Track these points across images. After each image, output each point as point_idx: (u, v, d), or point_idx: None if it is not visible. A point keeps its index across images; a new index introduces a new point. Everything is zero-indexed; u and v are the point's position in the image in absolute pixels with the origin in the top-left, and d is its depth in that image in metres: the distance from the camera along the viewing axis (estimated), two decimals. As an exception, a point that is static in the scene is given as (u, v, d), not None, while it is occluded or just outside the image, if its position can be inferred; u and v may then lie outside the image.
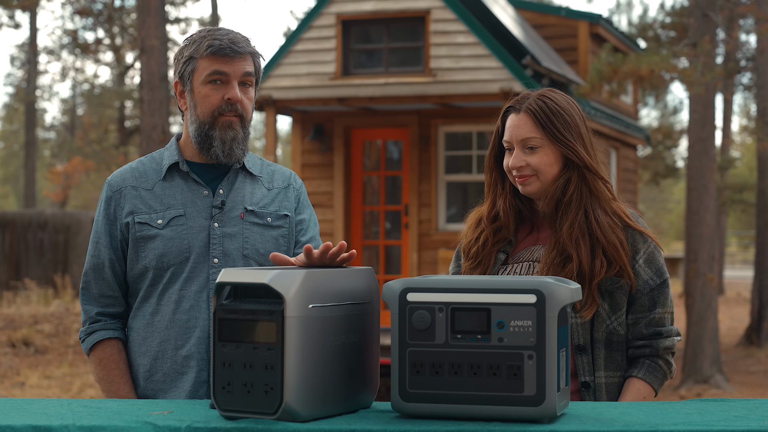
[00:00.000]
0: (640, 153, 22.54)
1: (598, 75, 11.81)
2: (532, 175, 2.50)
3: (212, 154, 2.63)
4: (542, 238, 2.56)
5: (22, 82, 33.44)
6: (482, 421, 1.79)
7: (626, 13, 37.23)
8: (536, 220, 2.60)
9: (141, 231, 2.63)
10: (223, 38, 2.60)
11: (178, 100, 2.70)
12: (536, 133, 2.49)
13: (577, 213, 2.48)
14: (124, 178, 2.70)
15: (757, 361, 14.74)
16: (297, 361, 1.80)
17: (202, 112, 2.62)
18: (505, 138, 2.53)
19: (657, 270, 2.51)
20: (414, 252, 12.21)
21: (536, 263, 2.52)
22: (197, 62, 2.61)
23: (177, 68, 2.67)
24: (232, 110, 2.61)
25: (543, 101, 2.51)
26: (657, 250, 2.52)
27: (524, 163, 2.49)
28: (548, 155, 2.50)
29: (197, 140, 2.64)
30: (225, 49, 2.59)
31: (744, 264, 39.37)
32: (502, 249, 2.58)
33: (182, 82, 2.66)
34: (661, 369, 2.51)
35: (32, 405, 2.00)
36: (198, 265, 2.62)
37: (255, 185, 2.73)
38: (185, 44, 2.67)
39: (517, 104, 2.54)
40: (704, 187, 12.54)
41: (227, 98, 2.60)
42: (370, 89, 11.73)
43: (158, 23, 12.75)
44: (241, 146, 2.65)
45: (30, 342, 13.49)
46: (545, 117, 2.49)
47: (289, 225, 2.73)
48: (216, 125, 2.61)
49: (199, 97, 2.62)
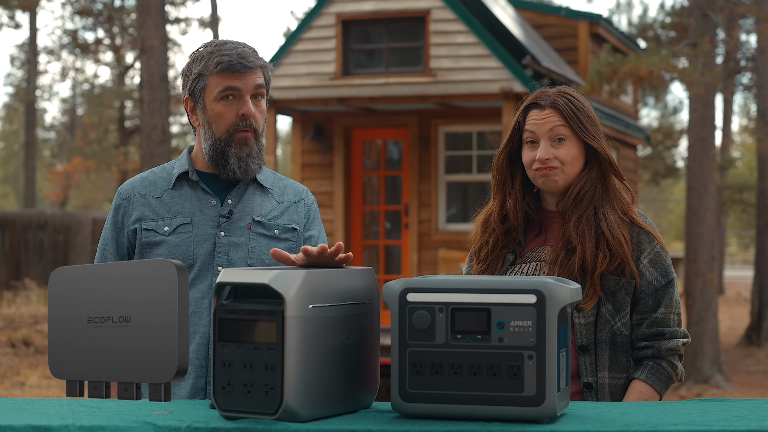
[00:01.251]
0: (640, 153, 22.54)
1: (597, 75, 11.81)
2: (557, 167, 2.51)
3: (229, 171, 2.63)
4: (550, 238, 2.56)
5: (22, 82, 33.44)
6: (482, 421, 1.79)
7: (626, 13, 37.24)
8: (544, 220, 2.60)
9: (147, 237, 2.64)
10: (232, 53, 2.58)
11: (190, 117, 2.69)
12: (564, 126, 2.52)
13: (587, 208, 2.50)
14: (133, 187, 2.71)
15: (757, 361, 14.74)
16: (297, 361, 1.80)
17: (217, 129, 2.61)
18: (530, 131, 2.54)
19: (662, 270, 2.50)
20: (414, 252, 12.21)
21: (543, 263, 2.52)
22: (207, 79, 2.60)
23: (186, 84, 2.66)
24: (247, 126, 2.60)
25: (566, 97, 2.55)
26: (663, 251, 2.51)
27: (552, 156, 2.51)
28: (574, 149, 2.53)
29: (212, 157, 2.63)
30: (235, 64, 2.57)
31: (744, 264, 39.36)
32: (511, 250, 2.58)
33: (193, 99, 2.65)
34: (665, 371, 2.48)
35: (32, 405, 2.00)
36: (202, 273, 2.62)
37: (265, 197, 2.72)
38: (192, 60, 2.65)
39: (540, 100, 2.56)
40: (704, 187, 12.54)
41: (242, 114, 2.59)
42: (370, 89, 11.73)
43: (158, 23, 12.75)
44: (256, 160, 2.64)
45: (30, 342, 13.49)
46: (572, 112, 2.53)
47: (296, 239, 2.72)
48: (231, 142, 2.61)
49: (213, 114, 2.61)
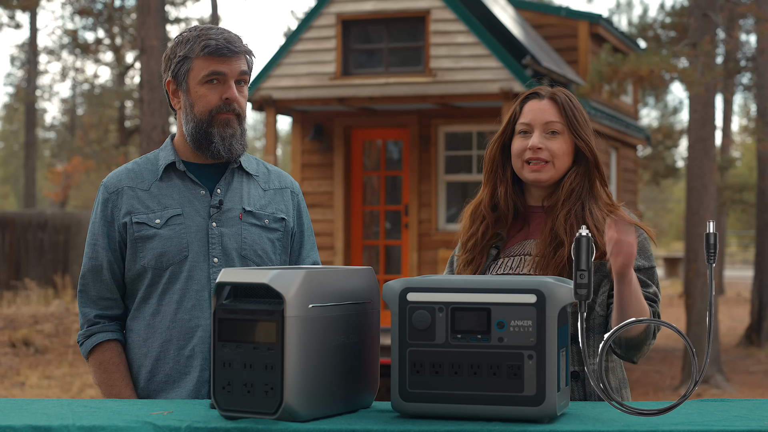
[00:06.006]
0: (640, 153, 22.53)
1: (598, 75, 11.81)
2: (547, 161, 2.54)
3: (213, 150, 2.63)
4: (533, 232, 2.59)
5: (22, 82, 33.43)
6: (482, 421, 1.79)
7: (626, 13, 37.22)
8: (527, 215, 2.62)
9: (139, 231, 2.62)
10: (219, 38, 2.61)
11: (171, 99, 2.70)
12: (559, 119, 2.56)
13: (575, 204, 2.53)
14: (120, 179, 2.69)
15: (757, 361, 14.73)
16: (297, 361, 1.80)
17: (199, 111, 2.62)
18: (525, 120, 2.57)
19: (647, 256, 2.53)
20: (414, 252, 12.21)
21: (528, 257, 2.54)
22: (192, 62, 2.62)
23: (169, 67, 2.67)
24: (230, 109, 2.63)
25: (565, 94, 2.60)
26: (647, 240, 2.55)
27: (543, 146, 2.53)
28: (566, 144, 2.56)
29: (195, 138, 2.64)
30: (222, 49, 2.60)
31: (744, 264, 39.34)
32: (494, 245, 2.60)
33: (176, 82, 2.66)
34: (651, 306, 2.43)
35: (32, 405, 2.00)
36: (197, 264, 2.62)
37: (251, 185, 2.73)
38: (176, 43, 2.67)
39: (539, 92, 2.60)
40: (704, 187, 12.53)
41: (225, 98, 2.61)
42: (370, 89, 11.73)
43: (158, 23, 12.75)
44: (240, 142, 2.66)
45: (30, 342, 13.49)
46: (568, 107, 2.57)
47: (284, 228, 2.74)
48: (214, 123, 2.62)
49: (196, 96, 2.63)
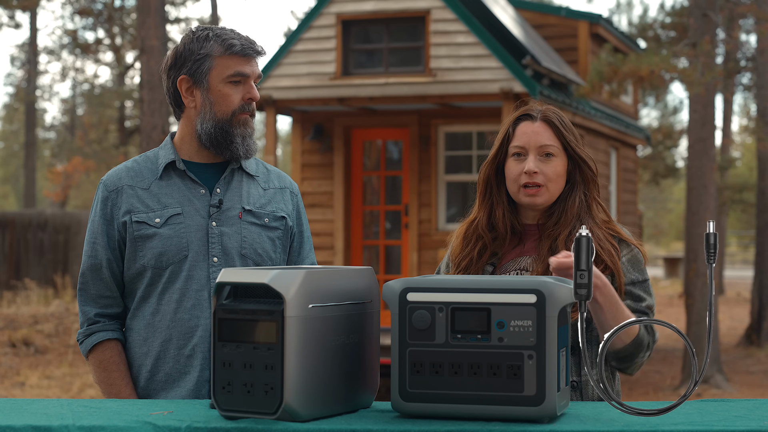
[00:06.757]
0: (640, 153, 22.53)
1: (598, 75, 11.80)
2: (542, 185, 2.52)
3: (233, 150, 2.64)
4: (528, 249, 2.58)
5: (22, 82, 33.42)
6: (482, 421, 1.79)
7: (626, 13, 37.19)
8: (522, 232, 2.61)
9: (139, 230, 2.62)
10: (241, 38, 2.64)
11: (183, 97, 2.66)
12: (554, 141, 2.54)
13: (574, 224, 2.52)
14: (120, 178, 2.68)
15: (757, 361, 14.73)
16: (297, 361, 1.80)
17: (220, 110, 2.62)
18: (518, 144, 2.54)
19: (640, 270, 2.54)
20: (414, 252, 12.21)
21: (524, 272, 2.54)
22: (215, 60, 2.61)
23: (184, 64, 2.64)
24: (249, 109, 2.66)
25: (556, 113, 2.57)
26: (639, 254, 2.56)
27: (539, 170, 2.51)
28: (560, 166, 2.55)
29: (214, 137, 2.63)
30: (247, 49, 2.63)
31: (744, 264, 39.33)
32: (489, 262, 2.60)
33: (193, 79, 2.64)
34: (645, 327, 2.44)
35: (32, 405, 2.00)
36: (197, 264, 2.61)
37: (251, 184, 2.73)
38: (191, 40, 2.64)
39: (530, 113, 2.57)
40: (704, 187, 12.53)
41: (249, 98, 2.64)
42: (370, 89, 11.73)
43: (158, 23, 12.75)
44: (254, 141, 2.69)
45: (30, 342, 13.49)
46: (562, 128, 2.55)
47: (284, 227, 2.74)
48: (234, 123, 2.63)
49: (219, 95, 2.62)
